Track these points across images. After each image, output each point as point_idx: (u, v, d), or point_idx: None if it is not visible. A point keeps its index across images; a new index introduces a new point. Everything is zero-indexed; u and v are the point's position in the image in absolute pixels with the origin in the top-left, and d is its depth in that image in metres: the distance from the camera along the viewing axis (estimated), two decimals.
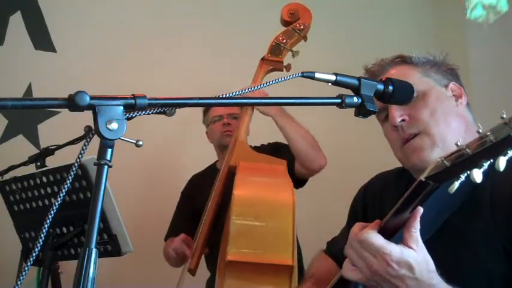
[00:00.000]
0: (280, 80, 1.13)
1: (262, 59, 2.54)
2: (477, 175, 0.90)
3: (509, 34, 3.32)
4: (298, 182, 2.62)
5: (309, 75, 1.11)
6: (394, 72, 1.47)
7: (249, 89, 1.16)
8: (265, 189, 2.19)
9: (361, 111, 1.13)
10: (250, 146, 2.59)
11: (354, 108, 1.13)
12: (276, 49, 2.52)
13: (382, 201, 1.51)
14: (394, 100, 1.21)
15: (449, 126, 1.38)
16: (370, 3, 4.00)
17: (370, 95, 1.14)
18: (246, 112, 2.51)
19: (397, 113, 1.39)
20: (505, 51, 3.35)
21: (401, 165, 1.54)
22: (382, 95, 1.17)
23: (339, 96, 1.12)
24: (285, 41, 2.51)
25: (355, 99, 1.12)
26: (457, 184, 0.94)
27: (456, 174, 0.94)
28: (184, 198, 3.03)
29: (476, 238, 1.24)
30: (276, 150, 2.66)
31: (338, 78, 1.13)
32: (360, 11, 3.97)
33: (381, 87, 1.16)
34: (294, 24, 2.52)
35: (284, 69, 2.54)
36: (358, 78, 1.15)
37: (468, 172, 0.92)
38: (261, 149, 2.75)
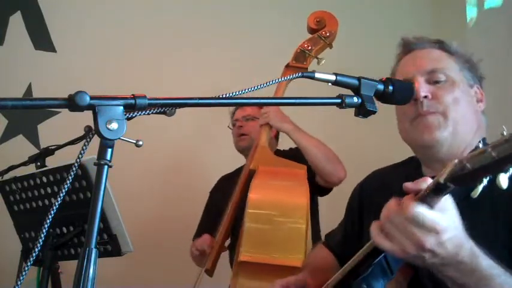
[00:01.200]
0: (280, 80, 1.13)
1: (287, 65, 2.52)
2: (503, 180, 0.85)
3: (510, 35, 3.32)
4: (322, 189, 2.63)
5: (309, 75, 1.11)
6: (426, 52, 1.47)
7: (250, 89, 1.16)
8: (279, 192, 2.21)
9: (361, 111, 1.13)
10: (278, 150, 2.60)
11: (354, 108, 1.13)
12: (301, 56, 2.50)
13: (380, 198, 1.49)
14: (393, 100, 1.21)
15: (466, 118, 1.39)
16: (370, 3, 4.00)
17: (370, 95, 1.14)
18: (263, 129, 2.53)
19: (424, 88, 1.39)
20: (505, 52, 3.35)
21: (395, 162, 1.53)
22: (382, 95, 1.17)
23: (339, 96, 1.12)
24: (310, 48, 2.50)
25: (355, 99, 1.12)
26: (480, 188, 0.90)
27: (479, 178, 0.88)
28: (211, 198, 3.04)
29: (477, 238, 1.23)
30: (297, 155, 2.65)
31: (338, 78, 1.13)
32: (360, 11, 3.97)
33: (380, 87, 1.17)
34: (320, 32, 2.52)
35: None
36: (358, 78, 1.15)
37: (490, 176, 0.87)
38: (284, 153, 2.75)
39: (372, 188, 1.58)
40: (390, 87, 1.18)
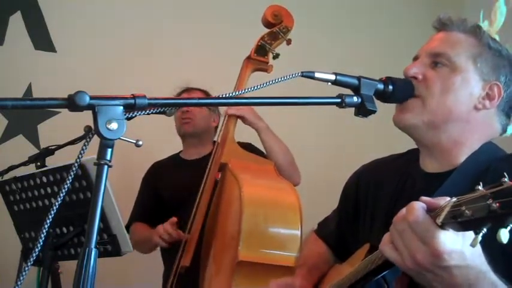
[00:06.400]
0: (280, 80, 1.13)
1: (248, 58, 2.55)
2: (504, 235, 0.78)
3: (509, 36, 3.33)
4: None
5: (309, 75, 1.12)
6: (448, 35, 1.36)
7: (250, 89, 1.16)
8: (272, 191, 2.26)
9: (361, 110, 1.13)
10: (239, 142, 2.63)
11: (353, 108, 1.14)
12: (262, 49, 2.54)
13: (375, 191, 1.47)
14: (393, 99, 1.21)
15: (454, 112, 1.28)
16: (370, 3, 4.00)
17: (370, 94, 1.14)
18: (231, 120, 2.50)
19: (416, 69, 1.30)
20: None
21: (396, 153, 1.51)
22: (382, 94, 1.18)
23: (339, 96, 1.13)
24: (270, 42, 2.54)
25: (355, 99, 1.12)
26: (479, 238, 0.82)
27: (478, 227, 0.82)
28: (147, 184, 2.97)
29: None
30: (254, 151, 2.63)
31: (338, 77, 1.13)
32: (360, 11, 3.97)
33: (380, 86, 1.17)
34: (278, 27, 2.56)
35: (267, 71, 2.55)
36: (358, 78, 1.15)
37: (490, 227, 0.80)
38: (244, 146, 2.71)
39: (369, 180, 1.51)
40: (390, 87, 1.18)
